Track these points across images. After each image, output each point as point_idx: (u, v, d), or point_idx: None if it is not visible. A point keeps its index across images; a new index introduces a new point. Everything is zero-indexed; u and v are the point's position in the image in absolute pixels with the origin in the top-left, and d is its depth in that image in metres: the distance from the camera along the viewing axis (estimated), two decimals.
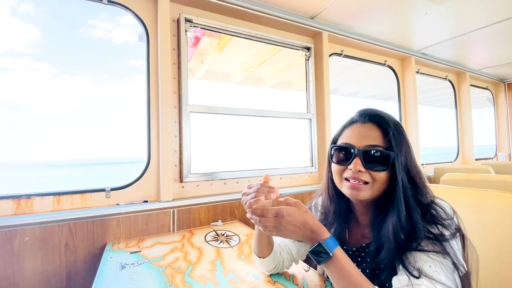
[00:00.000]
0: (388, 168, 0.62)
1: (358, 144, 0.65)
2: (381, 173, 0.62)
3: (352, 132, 0.68)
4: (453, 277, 0.53)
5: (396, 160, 0.61)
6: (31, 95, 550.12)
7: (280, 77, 2.86)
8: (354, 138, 0.67)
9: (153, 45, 1.42)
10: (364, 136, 0.65)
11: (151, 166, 1.39)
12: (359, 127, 0.68)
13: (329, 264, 0.57)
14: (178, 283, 0.81)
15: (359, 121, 0.69)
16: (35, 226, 1.09)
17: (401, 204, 0.60)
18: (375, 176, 0.63)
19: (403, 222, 0.58)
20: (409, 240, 0.57)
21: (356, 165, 0.63)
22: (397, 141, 0.63)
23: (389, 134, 0.63)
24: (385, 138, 0.64)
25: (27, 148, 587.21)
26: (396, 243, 0.58)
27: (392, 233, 0.59)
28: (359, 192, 0.64)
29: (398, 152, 0.62)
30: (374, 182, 0.63)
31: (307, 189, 1.80)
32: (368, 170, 0.63)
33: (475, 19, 1.94)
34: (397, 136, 0.64)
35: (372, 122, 0.67)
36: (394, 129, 0.64)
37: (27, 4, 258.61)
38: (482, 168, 2.05)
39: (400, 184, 0.61)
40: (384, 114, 0.67)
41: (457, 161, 3.14)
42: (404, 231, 0.58)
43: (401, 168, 0.61)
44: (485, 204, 0.88)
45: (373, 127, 0.66)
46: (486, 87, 3.59)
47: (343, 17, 1.85)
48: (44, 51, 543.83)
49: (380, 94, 3.97)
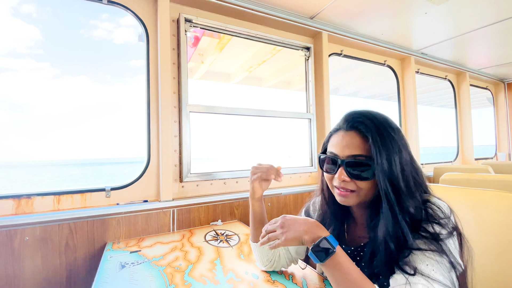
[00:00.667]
0: (371, 177, 0.61)
1: (342, 154, 0.65)
2: (365, 182, 0.63)
3: (337, 141, 0.67)
4: (449, 275, 0.53)
5: (377, 169, 0.59)
6: (33, 95, 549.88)
7: (280, 77, 2.86)
8: (338, 147, 0.66)
9: (153, 45, 1.42)
10: (346, 145, 0.65)
11: (151, 166, 1.39)
12: (342, 135, 0.67)
13: (330, 262, 0.57)
14: (177, 282, 0.81)
15: (342, 128, 0.68)
16: (35, 225, 1.09)
17: (387, 213, 0.59)
18: (360, 185, 0.63)
19: (391, 231, 0.58)
20: (399, 248, 0.57)
21: (341, 175, 0.64)
22: (380, 147, 0.60)
23: (369, 142, 0.61)
24: (367, 147, 0.62)
25: (28, 148, 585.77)
26: (386, 252, 0.58)
27: (383, 241, 0.59)
28: (347, 199, 0.66)
29: (379, 160, 0.59)
30: (360, 191, 0.64)
31: (306, 188, 1.80)
32: (353, 180, 0.63)
33: (475, 19, 1.94)
34: (380, 141, 0.60)
35: (354, 129, 0.65)
36: (376, 135, 0.61)
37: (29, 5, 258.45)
38: (482, 167, 2.05)
39: (383, 193, 0.59)
40: (367, 118, 0.64)
41: (456, 160, 3.15)
42: (392, 239, 0.57)
43: (384, 178, 0.59)
44: (484, 204, 0.88)
45: (355, 135, 0.64)
46: (486, 87, 3.59)
47: (343, 17, 1.86)
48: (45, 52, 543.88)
49: (380, 94, 3.98)
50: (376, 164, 0.59)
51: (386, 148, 0.60)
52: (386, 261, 0.58)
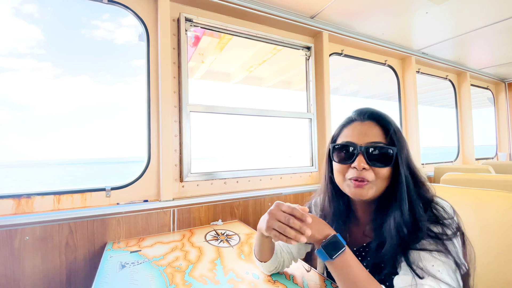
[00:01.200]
0: (391, 164, 0.63)
1: (360, 141, 0.65)
2: (384, 169, 0.63)
3: (352, 131, 0.68)
4: (455, 276, 0.53)
5: (399, 155, 0.62)
6: (34, 95, 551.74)
7: (280, 76, 2.86)
8: (355, 136, 0.66)
9: (153, 44, 1.42)
10: (365, 133, 0.65)
11: (151, 165, 1.39)
12: (358, 125, 0.68)
13: (338, 260, 0.57)
14: (178, 282, 0.81)
15: (358, 119, 0.69)
16: (36, 225, 1.09)
17: (404, 199, 0.60)
18: (378, 173, 0.63)
19: (405, 217, 0.59)
20: (411, 234, 0.58)
21: (360, 163, 0.63)
22: (398, 138, 0.64)
23: (390, 131, 0.64)
24: (385, 135, 0.65)
25: (29, 148, 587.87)
26: (399, 237, 0.58)
27: (395, 228, 0.59)
28: (363, 191, 0.64)
29: (400, 148, 0.63)
30: (377, 180, 0.64)
31: (307, 188, 1.80)
32: (372, 167, 0.63)
33: (476, 18, 1.94)
34: (398, 133, 0.65)
35: (372, 120, 0.67)
36: (393, 126, 0.66)
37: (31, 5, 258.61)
38: (483, 167, 2.05)
39: (403, 178, 0.61)
40: (383, 113, 0.69)
41: (457, 160, 3.14)
42: (407, 225, 0.58)
43: (403, 163, 0.63)
44: (485, 204, 0.88)
45: (373, 125, 0.66)
46: (486, 87, 3.59)
47: (344, 17, 1.85)
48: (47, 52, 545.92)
49: (380, 94, 3.97)
50: (398, 151, 0.63)
51: (400, 138, 0.65)
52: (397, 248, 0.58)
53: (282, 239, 0.59)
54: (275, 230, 0.60)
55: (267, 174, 1.73)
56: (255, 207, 1.61)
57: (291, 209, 0.61)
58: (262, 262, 0.80)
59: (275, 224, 0.60)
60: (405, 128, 2.58)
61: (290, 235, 0.58)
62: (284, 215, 0.60)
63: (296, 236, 0.58)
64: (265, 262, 0.79)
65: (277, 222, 0.60)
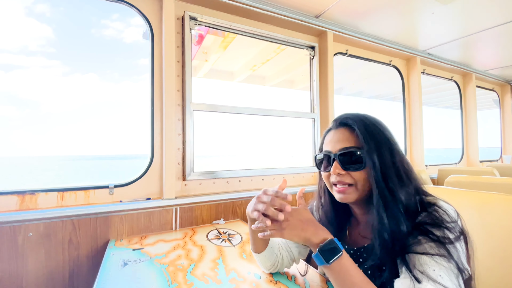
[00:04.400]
0: (364, 165, 0.63)
1: (334, 149, 0.68)
2: (358, 172, 0.64)
3: (329, 139, 0.71)
4: (457, 281, 0.52)
5: (368, 156, 0.62)
6: (42, 92, 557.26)
7: (283, 76, 2.85)
8: (330, 144, 0.70)
9: (157, 42, 1.42)
10: (337, 140, 0.69)
11: (154, 163, 1.39)
12: (333, 133, 0.71)
13: (335, 265, 0.56)
14: (180, 281, 0.81)
15: (333, 127, 0.72)
16: (39, 221, 1.10)
17: (378, 201, 0.60)
18: (355, 176, 0.65)
19: (383, 220, 0.59)
20: (394, 236, 0.57)
21: (335, 169, 0.66)
22: (367, 138, 0.64)
23: (355, 132, 0.65)
24: (357, 138, 0.66)
25: (35, 143, 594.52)
26: (382, 240, 0.58)
27: (377, 232, 0.59)
28: (346, 195, 0.66)
29: (368, 149, 0.63)
30: (357, 183, 0.65)
31: (309, 188, 1.79)
32: (347, 172, 0.65)
33: (483, 19, 1.91)
34: (367, 133, 0.64)
35: (343, 126, 0.70)
36: (361, 126, 0.65)
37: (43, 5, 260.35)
38: (487, 170, 2.03)
39: (373, 181, 0.62)
40: (353, 116, 0.69)
41: (461, 162, 3.12)
42: (386, 228, 0.58)
43: (375, 165, 0.62)
44: (490, 207, 0.87)
45: (344, 131, 0.69)
46: (492, 89, 3.55)
47: (349, 16, 1.84)
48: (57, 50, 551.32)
49: (384, 94, 3.95)
50: (365, 151, 0.63)
51: (374, 138, 0.64)
52: (381, 252, 0.58)
53: (265, 222, 0.61)
54: (258, 212, 0.62)
55: (270, 173, 1.73)
56: None
57: (275, 192, 0.63)
58: (256, 253, 0.81)
59: (259, 206, 0.62)
60: (409, 129, 2.56)
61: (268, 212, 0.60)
62: (266, 197, 0.63)
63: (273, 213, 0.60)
64: (259, 253, 0.80)
65: (261, 203, 0.63)
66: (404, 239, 0.57)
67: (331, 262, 0.56)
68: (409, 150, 2.56)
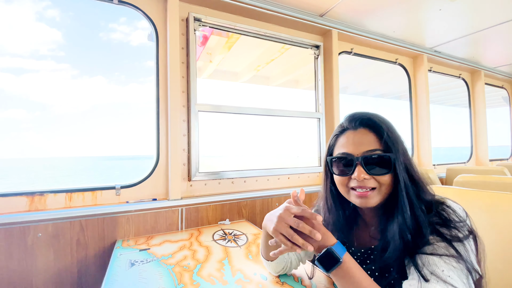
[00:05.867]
0: (391, 170, 0.61)
1: (356, 151, 0.63)
2: (385, 176, 0.62)
3: (347, 140, 0.66)
4: (467, 281, 0.51)
5: (396, 160, 0.61)
6: (52, 95, 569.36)
7: (288, 75, 2.84)
8: (350, 146, 0.65)
9: (162, 44, 1.43)
10: (359, 142, 0.64)
11: (160, 164, 1.40)
12: (351, 134, 0.66)
13: (337, 271, 0.56)
14: (186, 281, 0.81)
15: (350, 128, 0.67)
16: (48, 222, 1.12)
17: (405, 204, 0.59)
18: (380, 180, 0.62)
19: (408, 222, 0.58)
20: (415, 238, 0.56)
21: (360, 174, 0.61)
22: (393, 141, 0.62)
23: (384, 136, 0.62)
24: (380, 141, 0.63)
25: (45, 145, 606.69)
26: (403, 242, 0.57)
27: (398, 233, 0.58)
28: (368, 200, 0.63)
29: (396, 152, 0.61)
30: (381, 187, 0.63)
31: (315, 189, 1.78)
32: (372, 176, 0.62)
33: (491, 15, 1.87)
34: (392, 136, 0.63)
35: (364, 126, 0.65)
36: (387, 130, 0.63)
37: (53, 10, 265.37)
38: (497, 169, 1.99)
39: (402, 184, 0.60)
40: (374, 116, 0.65)
41: (470, 161, 3.06)
42: (409, 230, 0.57)
43: (402, 168, 0.61)
44: (500, 207, 0.85)
45: (366, 132, 0.64)
46: (501, 86, 3.48)
47: (354, 15, 1.82)
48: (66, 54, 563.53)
49: (390, 93, 3.90)
50: (395, 155, 0.61)
51: (397, 141, 0.63)
52: (401, 253, 0.57)
53: (288, 245, 0.58)
54: (282, 235, 0.59)
55: (275, 174, 1.72)
56: (262, 207, 1.61)
57: (301, 210, 0.59)
58: (268, 261, 0.79)
59: (282, 229, 0.58)
60: (416, 128, 2.52)
61: (298, 242, 0.56)
62: (293, 220, 0.58)
63: (304, 245, 0.56)
64: (271, 261, 0.79)
65: (285, 227, 0.58)
66: (419, 240, 0.56)
67: (330, 271, 0.56)
68: (416, 149, 2.52)
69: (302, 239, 0.57)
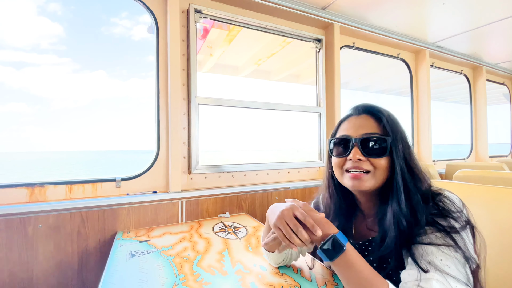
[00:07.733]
0: (387, 153, 0.63)
1: (355, 134, 0.66)
2: (381, 159, 0.63)
3: (348, 125, 0.70)
4: (464, 270, 0.52)
5: (393, 145, 0.63)
6: (53, 89, 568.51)
7: (289, 70, 2.83)
8: (350, 129, 0.68)
9: (162, 36, 1.41)
10: (360, 126, 0.67)
11: (160, 157, 1.40)
12: (354, 119, 0.70)
13: (340, 260, 0.56)
14: (186, 272, 0.82)
15: (353, 114, 0.71)
16: (48, 213, 1.12)
17: (400, 190, 0.60)
18: (376, 164, 0.63)
19: (403, 209, 0.58)
20: (411, 227, 0.57)
21: (355, 154, 0.64)
22: (392, 128, 0.64)
23: (383, 121, 0.65)
24: (380, 126, 0.65)
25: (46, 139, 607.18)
26: (399, 230, 0.58)
27: (394, 220, 0.59)
28: (361, 182, 0.64)
29: (394, 138, 0.63)
30: (376, 170, 0.64)
31: (315, 183, 1.78)
32: (368, 158, 0.64)
33: (494, 10, 1.86)
34: (392, 123, 0.65)
35: (366, 113, 0.69)
36: (388, 117, 0.66)
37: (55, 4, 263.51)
38: (496, 165, 1.99)
39: (399, 171, 0.61)
40: (377, 106, 0.70)
41: (470, 158, 3.06)
42: (405, 217, 0.58)
43: (399, 154, 0.62)
44: (499, 201, 0.86)
45: (367, 117, 0.68)
46: (502, 82, 3.46)
47: (356, 8, 1.80)
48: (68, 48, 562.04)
49: (391, 89, 3.88)
50: (393, 140, 0.62)
51: (398, 130, 0.65)
52: (397, 241, 0.57)
53: (285, 241, 0.60)
54: (281, 231, 0.60)
55: (275, 168, 1.73)
56: (262, 201, 1.61)
57: (304, 217, 0.59)
58: (269, 252, 0.80)
59: (282, 226, 0.60)
60: (417, 124, 2.52)
61: (295, 242, 0.58)
62: (294, 223, 0.58)
63: (300, 245, 0.58)
64: (273, 252, 0.79)
65: (285, 225, 0.59)
66: (414, 230, 0.57)
67: (334, 259, 0.56)
68: (417, 144, 2.52)
69: (299, 240, 0.58)
